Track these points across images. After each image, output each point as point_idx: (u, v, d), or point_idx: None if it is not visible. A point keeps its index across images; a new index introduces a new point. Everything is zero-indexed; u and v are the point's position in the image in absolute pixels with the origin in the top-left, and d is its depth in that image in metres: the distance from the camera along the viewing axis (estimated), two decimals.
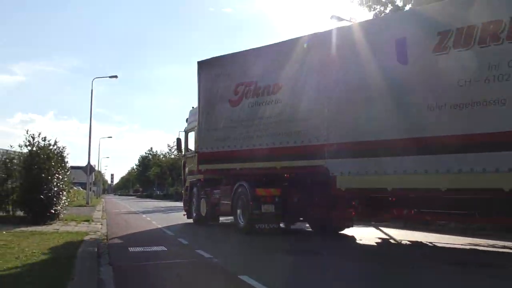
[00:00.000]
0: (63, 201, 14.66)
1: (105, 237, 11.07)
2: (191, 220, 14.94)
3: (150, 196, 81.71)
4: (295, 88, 10.31)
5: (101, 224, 14.48)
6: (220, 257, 7.72)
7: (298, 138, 10.09)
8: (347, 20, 15.09)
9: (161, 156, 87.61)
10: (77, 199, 40.70)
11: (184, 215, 15.84)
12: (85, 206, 28.31)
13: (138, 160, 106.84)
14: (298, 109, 10.17)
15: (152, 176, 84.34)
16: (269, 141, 10.71)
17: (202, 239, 10.83)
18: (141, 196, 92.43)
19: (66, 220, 14.96)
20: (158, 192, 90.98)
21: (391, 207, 9.07)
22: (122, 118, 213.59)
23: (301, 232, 11.73)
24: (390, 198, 9.09)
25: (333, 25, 15.99)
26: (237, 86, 11.59)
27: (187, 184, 15.44)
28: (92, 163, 34.24)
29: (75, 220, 15.08)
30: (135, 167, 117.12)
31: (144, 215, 20.56)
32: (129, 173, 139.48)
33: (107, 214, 21.61)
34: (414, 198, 8.63)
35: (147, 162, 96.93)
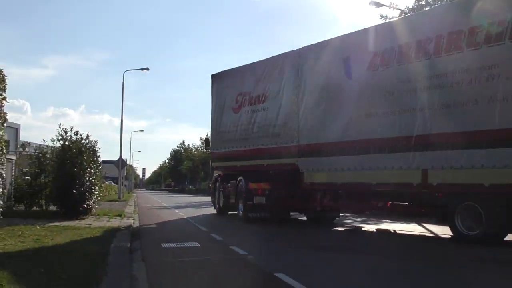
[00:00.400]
0: (95, 196, 15.00)
1: (138, 232, 11.27)
2: (216, 211, 17.61)
3: (182, 191, 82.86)
4: (277, 98, 13.43)
5: (133, 219, 14.73)
6: (254, 254, 7.78)
7: (279, 140, 13.17)
8: (386, 6, 15.63)
9: (193, 150, 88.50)
10: (109, 193, 41.68)
11: (211, 206, 18.87)
12: (117, 201, 28.93)
13: (170, 154, 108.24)
14: (278, 116, 13.27)
15: (184, 170, 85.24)
16: (259, 142, 13.93)
17: (236, 236, 10.95)
18: (173, 191, 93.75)
19: (98, 215, 15.28)
20: (190, 186, 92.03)
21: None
22: (153, 112, 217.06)
23: (308, 226, 13.19)
24: (339, 191, 11.87)
25: (372, 11, 18.80)
26: (237, 95, 15.00)
27: (213, 178, 18.60)
28: (123, 157, 34.99)
29: (107, 215, 15.39)
30: (167, 161, 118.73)
31: (176, 210, 20.86)
32: (161, 167, 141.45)
33: (139, 209, 22.01)
34: (362, 192, 10.86)
35: (179, 156, 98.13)
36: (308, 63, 12.45)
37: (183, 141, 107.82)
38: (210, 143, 17.53)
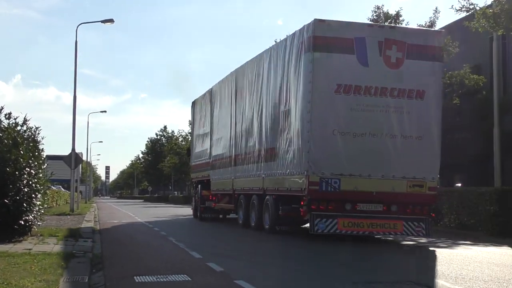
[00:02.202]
0: (37, 208, 14.98)
1: (100, 261, 11.32)
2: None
3: (165, 199, 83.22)
4: (205, 126, 28.38)
5: (93, 242, 14.87)
6: None
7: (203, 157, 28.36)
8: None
9: (180, 139, 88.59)
10: (57, 204, 41.94)
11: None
12: (69, 214, 29.26)
13: (146, 145, 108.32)
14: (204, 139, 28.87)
15: (166, 169, 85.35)
16: (198, 159, 28.92)
17: (241, 262, 11.08)
18: (150, 199, 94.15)
19: (42, 235, 15.36)
20: (176, 193, 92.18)
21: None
22: (121, 83, 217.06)
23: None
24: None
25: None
26: (200, 118, 29.45)
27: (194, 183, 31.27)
28: (78, 150, 35.16)
29: (55, 236, 15.47)
30: (141, 155, 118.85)
31: (156, 229, 20.98)
32: (133, 165, 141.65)
33: (102, 226, 22.20)
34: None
35: (159, 149, 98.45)
36: (214, 98, 26.14)
37: (165, 127, 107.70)
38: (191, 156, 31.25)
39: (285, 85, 17.84)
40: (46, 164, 16.74)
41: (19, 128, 14.99)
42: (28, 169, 14.54)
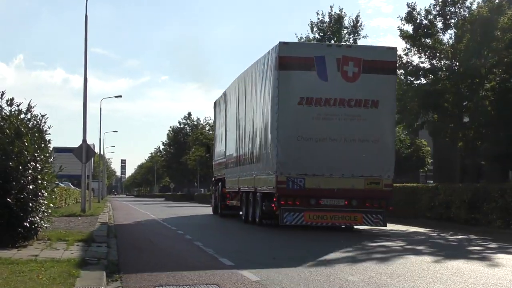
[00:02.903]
0: (44, 208, 15.05)
1: (116, 269, 11.43)
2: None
3: (190, 198, 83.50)
4: (221, 128, 34.94)
5: (108, 247, 14.93)
6: None
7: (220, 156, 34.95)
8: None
9: (207, 128, 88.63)
10: (65, 203, 42.18)
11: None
12: (80, 215, 29.52)
13: (168, 135, 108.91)
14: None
15: (191, 163, 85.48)
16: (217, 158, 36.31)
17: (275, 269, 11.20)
18: (173, 198, 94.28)
19: (49, 239, 15.45)
20: (202, 190, 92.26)
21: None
22: (138, 64, 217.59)
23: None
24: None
25: None
26: (219, 118, 35.28)
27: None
28: (89, 141, 35.37)
29: (65, 240, 15.53)
30: (162, 147, 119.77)
31: (180, 232, 21.13)
32: (152, 159, 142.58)
33: (118, 228, 22.38)
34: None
35: (183, 139, 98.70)
36: (227, 99, 31.54)
37: (189, 113, 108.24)
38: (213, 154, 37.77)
39: (262, 97, 23.96)
40: (53, 158, 16.84)
41: (22, 116, 14.97)
42: (34, 164, 14.56)
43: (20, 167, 14.16)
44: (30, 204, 14.33)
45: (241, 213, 28.50)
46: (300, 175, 21.93)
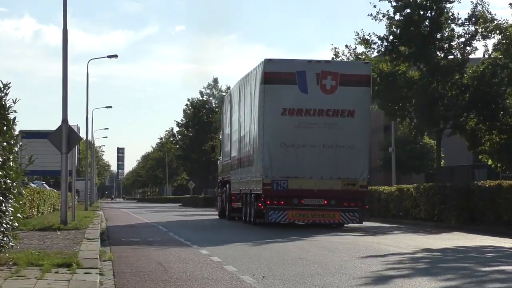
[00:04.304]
0: (7, 219, 15.04)
1: None
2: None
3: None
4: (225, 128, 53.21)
5: (101, 273, 15.12)
6: None
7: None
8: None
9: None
10: (39, 211, 42.18)
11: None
12: (58, 229, 29.65)
13: (184, 111, 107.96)
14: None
15: (219, 152, 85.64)
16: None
17: None
18: (193, 202, 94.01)
19: (16, 263, 15.37)
20: None
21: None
22: (142, 9, 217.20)
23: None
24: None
25: None
26: (226, 118, 50.97)
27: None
28: (72, 122, 35.00)
29: (38, 265, 15.47)
30: (176, 129, 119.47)
31: (204, 252, 21.47)
32: (162, 146, 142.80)
33: (115, 248, 22.67)
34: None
35: (206, 117, 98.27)
36: (231, 100, 45.94)
37: (215, 80, 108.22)
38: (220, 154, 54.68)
39: (251, 107, 36.43)
40: (20, 146, 16.97)
41: None
42: None
43: None
44: None
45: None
46: (283, 178, 33.82)
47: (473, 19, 47.72)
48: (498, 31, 46.36)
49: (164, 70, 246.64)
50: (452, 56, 49.10)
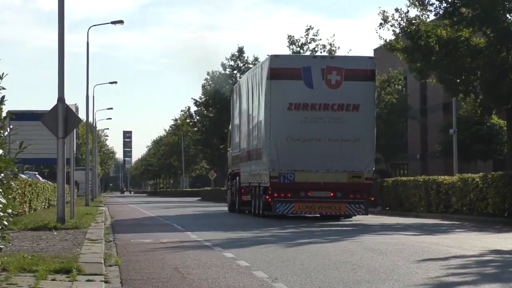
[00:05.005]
0: None
1: None
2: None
3: None
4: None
5: (106, 281, 15.25)
6: None
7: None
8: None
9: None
10: (31, 207, 42.28)
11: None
12: (55, 228, 29.89)
13: (204, 87, 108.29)
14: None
15: None
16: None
17: None
18: (215, 195, 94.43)
19: (5, 269, 15.46)
20: None
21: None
22: None
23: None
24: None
25: None
26: (234, 108, 61.33)
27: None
28: (70, 101, 35.16)
29: (32, 271, 15.56)
30: (193, 109, 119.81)
31: (229, 255, 21.55)
32: (178, 129, 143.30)
33: (122, 250, 22.86)
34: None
35: (229, 95, 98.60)
36: (240, 91, 54.62)
37: (241, 49, 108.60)
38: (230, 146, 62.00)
39: (258, 101, 43.05)
40: (9, 129, 16.88)
41: None
42: None
43: None
44: None
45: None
46: (290, 171, 40.25)
47: None
48: None
49: (179, 39, 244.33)
50: None
